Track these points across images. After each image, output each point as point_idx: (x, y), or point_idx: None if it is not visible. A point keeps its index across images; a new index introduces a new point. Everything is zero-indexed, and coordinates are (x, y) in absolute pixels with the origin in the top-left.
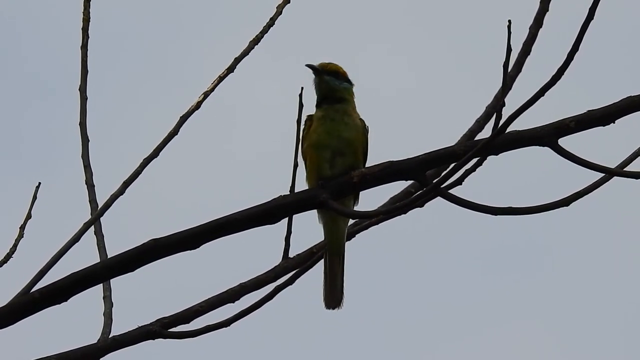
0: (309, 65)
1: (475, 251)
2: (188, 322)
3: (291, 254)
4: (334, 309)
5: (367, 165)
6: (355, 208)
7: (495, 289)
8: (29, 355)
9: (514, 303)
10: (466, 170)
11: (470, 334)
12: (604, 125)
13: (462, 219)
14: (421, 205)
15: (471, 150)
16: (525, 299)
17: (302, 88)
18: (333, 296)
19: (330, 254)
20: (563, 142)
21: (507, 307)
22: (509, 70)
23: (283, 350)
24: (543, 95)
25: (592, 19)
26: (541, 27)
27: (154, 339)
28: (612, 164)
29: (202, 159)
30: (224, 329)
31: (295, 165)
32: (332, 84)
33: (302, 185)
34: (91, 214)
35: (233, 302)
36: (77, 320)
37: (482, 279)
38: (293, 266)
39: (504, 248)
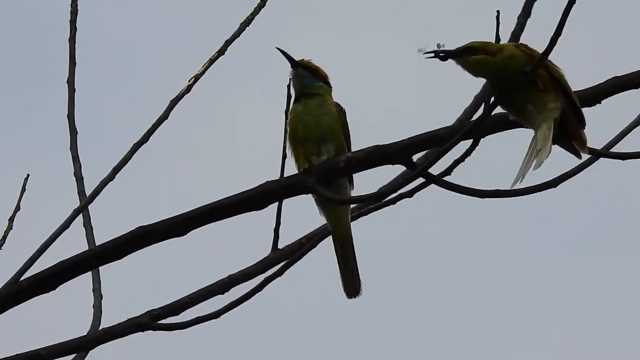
0: (284, 53)
1: (468, 237)
2: (177, 314)
3: (280, 246)
4: (355, 297)
5: (352, 147)
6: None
7: (489, 280)
8: (18, 348)
9: (510, 298)
10: (455, 160)
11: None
12: (590, 106)
13: (450, 205)
14: (410, 196)
15: (458, 133)
16: (520, 290)
17: (290, 79)
18: (352, 284)
19: (339, 242)
20: None
21: (503, 301)
22: None
23: (273, 341)
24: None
25: (574, 2)
26: (529, 17)
27: (143, 331)
28: (599, 145)
29: (191, 146)
30: (214, 320)
31: (284, 156)
32: (307, 80)
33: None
34: (80, 207)
35: (222, 293)
36: (67, 312)
37: (477, 268)
38: (282, 257)
39: (494, 232)
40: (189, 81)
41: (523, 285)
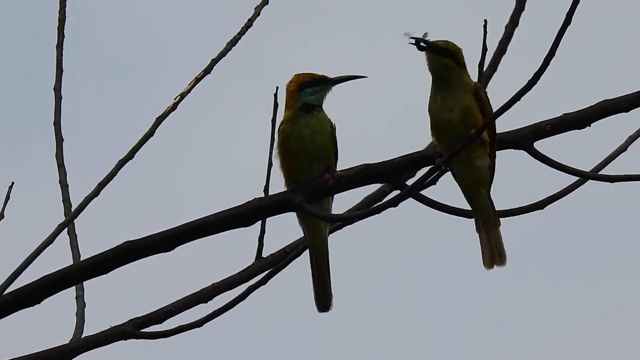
0: (349, 78)
1: (452, 255)
2: (161, 323)
3: (264, 254)
4: (326, 311)
5: (339, 162)
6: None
7: (471, 299)
8: (1, 355)
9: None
10: (441, 170)
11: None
12: (579, 129)
13: (434, 219)
14: (395, 205)
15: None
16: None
17: (277, 87)
18: (324, 299)
19: (315, 256)
20: (538, 145)
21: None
22: (485, 69)
23: (256, 350)
24: (519, 100)
25: (569, 24)
26: (517, 26)
27: (126, 339)
28: (588, 168)
29: (178, 161)
30: (197, 329)
31: (270, 165)
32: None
33: (278, 187)
34: (65, 214)
35: (206, 302)
36: (50, 320)
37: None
38: (266, 266)
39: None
40: (174, 99)
41: (506, 305)
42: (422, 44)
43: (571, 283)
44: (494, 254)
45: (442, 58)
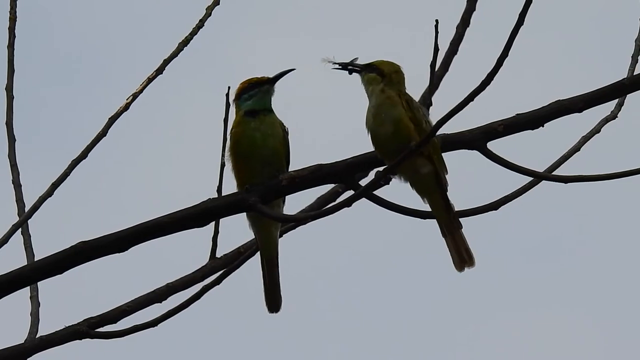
0: (282, 75)
1: (405, 257)
2: (115, 322)
3: (218, 254)
4: (277, 312)
5: (291, 165)
6: (284, 207)
7: (424, 303)
8: None
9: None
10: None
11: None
12: (532, 129)
13: (388, 219)
14: (349, 205)
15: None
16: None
17: (229, 87)
18: (275, 300)
19: (266, 258)
20: (492, 145)
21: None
22: (436, 70)
23: (210, 350)
24: (472, 100)
25: (522, 24)
26: (468, 26)
27: (81, 339)
28: (541, 168)
29: (131, 161)
30: (151, 328)
31: (222, 165)
32: (272, 98)
33: (231, 187)
34: (18, 214)
35: (160, 302)
36: (4, 320)
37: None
38: (220, 266)
39: (432, 254)
40: (127, 99)
41: (458, 306)
42: (349, 67)
43: (525, 284)
44: (462, 256)
45: (367, 74)
